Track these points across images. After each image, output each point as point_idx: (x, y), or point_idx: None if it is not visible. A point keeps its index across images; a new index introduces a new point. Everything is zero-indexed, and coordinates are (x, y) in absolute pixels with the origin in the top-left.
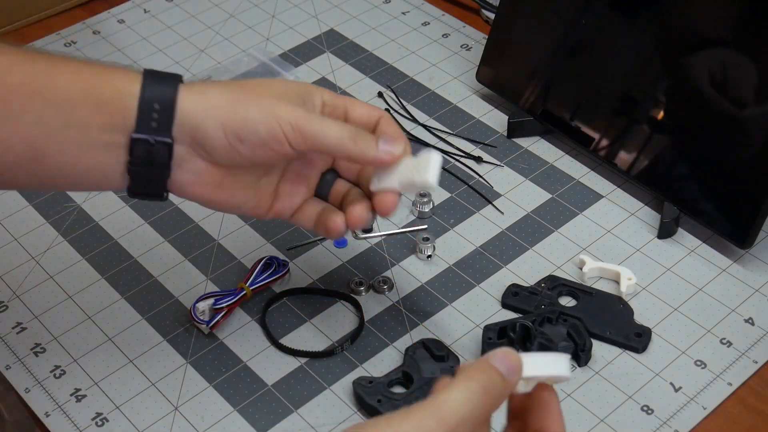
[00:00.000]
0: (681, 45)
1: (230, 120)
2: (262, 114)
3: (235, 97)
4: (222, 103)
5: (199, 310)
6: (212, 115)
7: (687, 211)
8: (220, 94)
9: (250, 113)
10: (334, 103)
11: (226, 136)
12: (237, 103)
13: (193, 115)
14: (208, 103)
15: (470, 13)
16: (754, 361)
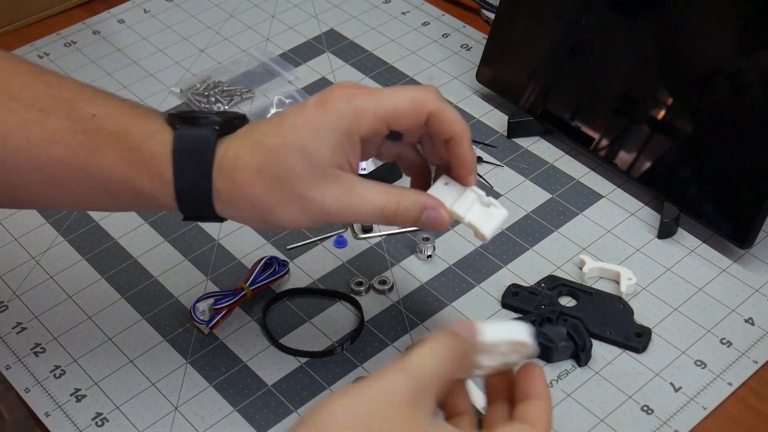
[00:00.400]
0: (681, 45)
1: (264, 226)
2: (295, 220)
3: (268, 206)
4: (255, 213)
5: (199, 310)
6: (246, 220)
7: (687, 211)
8: (254, 204)
9: (283, 222)
10: (376, 132)
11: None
12: (270, 212)
13: (228, 214)
14: (241, 212)
15: (470, 13)
16: (754, 361)
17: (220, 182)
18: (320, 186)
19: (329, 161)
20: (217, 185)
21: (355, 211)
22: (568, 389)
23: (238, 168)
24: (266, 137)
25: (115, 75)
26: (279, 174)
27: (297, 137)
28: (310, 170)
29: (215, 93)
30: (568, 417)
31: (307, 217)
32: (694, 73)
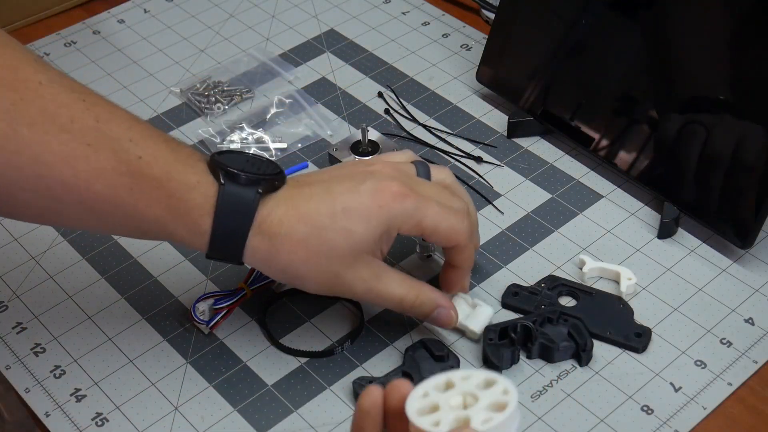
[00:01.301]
0: (681, 45)
1: (287, 281)
2: (320, 289)
3: (299, 273)
4: (286, 275)
5: (199, 310)
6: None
7: (687, 211)
8: (286, 267)
9: (308, 288)
10: (411, 234)
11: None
12: (300, 278)
13: (255, 265)
14: (272, 271)
15: (470, 13)
16: (754, 361)
17: (258, 242)
18: (354, 268)
19: (369, 249)
20: (254, 243)
21: (377, 296)
22: (568, 389)
23: (281, 234)
24: (318, 215)
25: (115, 75)
26: (321, 250)
27: (348, 222)
28: (350, 253)
29: (215, 93)
30: (568, 417)
31: (331, 291)
32: (694, 73)
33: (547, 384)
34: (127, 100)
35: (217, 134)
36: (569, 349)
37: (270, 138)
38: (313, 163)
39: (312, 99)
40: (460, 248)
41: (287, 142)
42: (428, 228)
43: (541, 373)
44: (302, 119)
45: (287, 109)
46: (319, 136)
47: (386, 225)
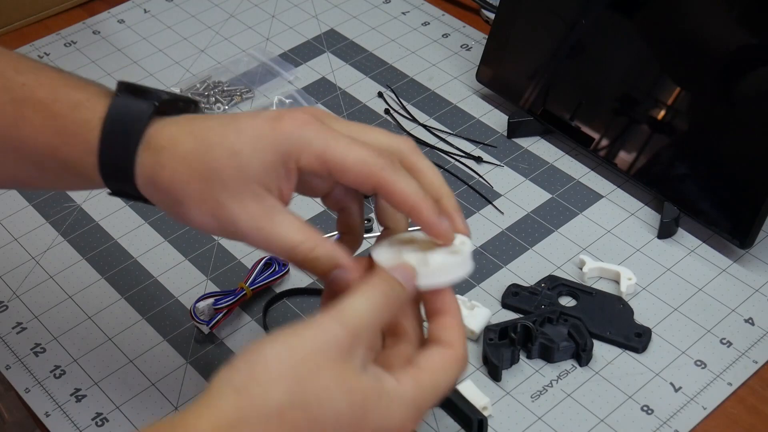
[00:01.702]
0: (681, 45)
1: (175, 216)
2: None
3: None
4: (169, 200)
5: (199, 310)
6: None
7: (687, 211)
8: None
9: (189, 218)
10: (314, 171)
11: (174, 219)
12: (180, 204)
13: (147, 194)
14: (157, 193)
15: (470, 13)
16: (754, 361)
17: (145, 158)
18: (239, 198)
19: (258, 177)
20: (141, 160)
21: (266, 237)
22: (568, 389)
23: (166, 148)
24: (208, 131)
25: (115, 75)
26: (203, 169)
27: (236, 141)
28: (235, 178)
29: (215, 93)
30: (568, 417)
31: (216, 224)
32: (694, 73)
33: (547, 384)
34: None
35: None
36: (569, 349)
37: None
38: None
39: (312, 99)
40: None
41: None
42: (335, 162)
43: (541, 373)
44: None
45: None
46: None
47: (279, 152)
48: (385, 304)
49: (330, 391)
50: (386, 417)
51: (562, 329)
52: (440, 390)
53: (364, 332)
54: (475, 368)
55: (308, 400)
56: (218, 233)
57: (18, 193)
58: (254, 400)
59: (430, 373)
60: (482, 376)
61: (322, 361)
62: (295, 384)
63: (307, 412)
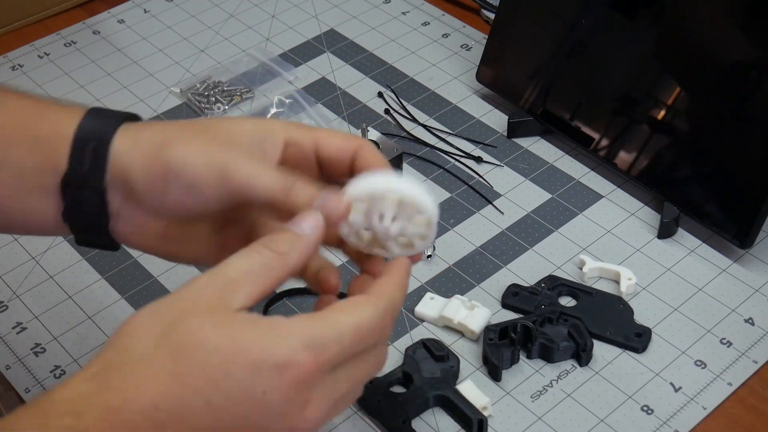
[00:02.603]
0: (681, 45)
1: (154, 163)
2: (188, 157)
3: (166, 138)
4: (151, 147)
5: None
6: (139, 158)
7: (687, 211)
8: (153, 135)
9: (174, 156)
10: (301, 142)
11: (151, 181)
12: (165, 145)
13: (124, 157)
14: (138, 145)
15: (470, 13)
16: (754, 361)
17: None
18: (231, 140)
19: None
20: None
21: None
22: (568, 389)
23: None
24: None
25: (115, 75)
26: (196, 122)
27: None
28: (229, 128)
29: (215, 93)
30: (568, 417)
31: (204, 160)
32: (694, 73)
33: (547, 384)
34: (127, 100)
35: None
36: (569, 349)
37: None
38: None
39: (312, 99)
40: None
41: None
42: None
43: (541, 373)
44: (302, 119)
45: (287, 109)
46: None
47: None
48: (270, 257)
49: (194, 327)
50: (266, 347)
51: (562, 329)
52: (342, 325)
53: (239, 281)
54: (475, 368)
55: (171, 339)
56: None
57: None
58: (119, 349)
59: (329, 310)
60: (482, 376)
61: (187, 309)
62: (159, 329)
63: (176, 352)
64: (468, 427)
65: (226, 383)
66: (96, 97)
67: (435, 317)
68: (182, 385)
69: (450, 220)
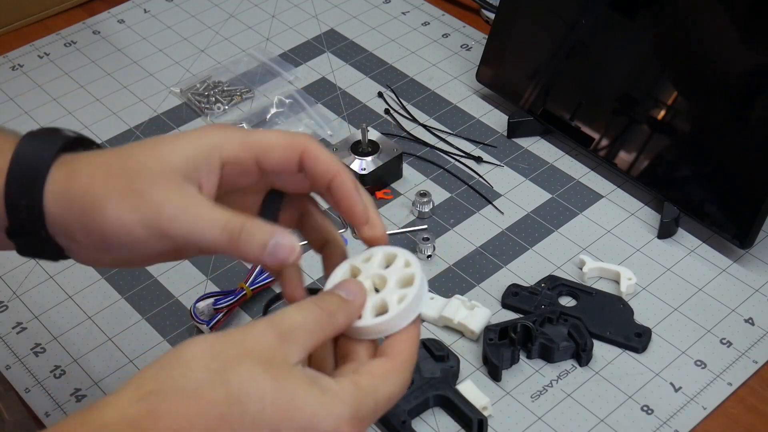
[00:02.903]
0: (681, 45)
1: (91, 229)
2: (122, 223)
3: (96, 199)
4: (83, 210)
5: (199, 310)
6: (75, 221)
7: (687, 211)
8: (84, 192)
9: (108, 224)
10: (238, 159)
11: (93, 243)
12: (96, 209)
13: (59, 217)
14: (71, 204)
15: (470, 13)
16: (754, 361)
17: (58, 172)
18: (162, 187)
19: (180, 169)
20: (54, 175)
21: (194, 218)
22: (568, 389)
23: (82, 160)
24: (127, 146)
25: (115, 75)
26: (122, 167)
27: (156, 144)
28: (157, 170)
29: (215, 93)
30: (568, 417)
31: (138, 218)
32: (694, 73)
33: (547, 384)
34: (127, 100)
35: None
36: (569, 349)
37: None
38: None
39: (312, 99)
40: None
41: None
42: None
43: (541, 373)
44: (302, 119)
45: (287, 109)
46: (319, 136)
47: (200, 147)
48: (317, 309)
49: (254, 374)
50: (318, 413)
51: (562, 329)
52: (379, 397)
53: (296, 333)
54: (475, 368)
55: (229, 380)
56: (138, 234)
57: None
58: (173, 375)
59: (369, 378)
60: (482, 376)
61: (247, 352)
62: (217, 365)
63: (231, 396)
64: (468, 427)
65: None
66: (96, 97)
67: (435, 317)
68: (231, 430)
69: (450, 220)
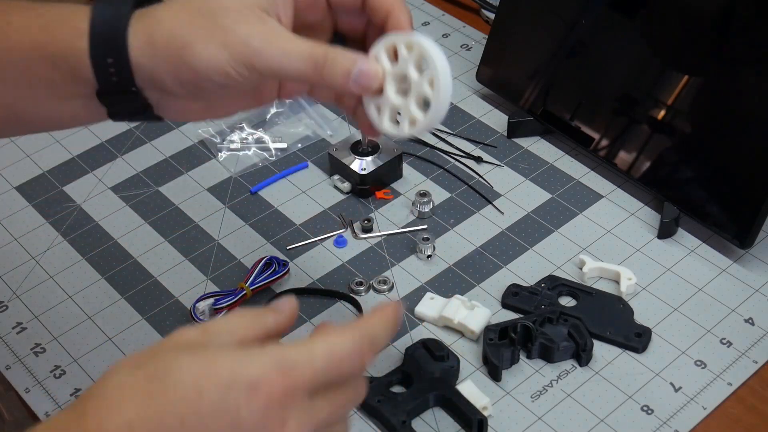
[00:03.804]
0: (681, 45)
1: (181, 70)
2: (212, 60)
3: (184, 41)
4: (171, 54)
5: (199, 310)
6: (163, 67)
7: (687, 211)
8: (169, 37)
9: (199, 62)
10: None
11: (183, 84)
12: (185, 50)
13: (147, 68)
14: (157, 52)
15: (470, 13)
16: (754, 361)
17: (139, 23)
18: (245, 21)
19: (260, 3)
20: (135, 28)
21: (280, 50)
22: (568, 389)
23: (161, 8)
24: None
25: None
26: (203, 6)
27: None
28: (238, 6)
29: None
30: (568, 417)
31: (227, 54)
32: (694, 73)
33: (547, 384)
34: None
35: (217, 134)
36: (569, 349)
37: (270, 138)
38: (313, 163)
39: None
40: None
41: (287, 142)
42: None
43: (541, 373)
44: (302, 119)
45: (287, 109)
46: (319, 136)
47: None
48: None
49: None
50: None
51: (562, 329)
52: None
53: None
54: (475, 368)
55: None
56: (229, 68)
57: (18, 193)
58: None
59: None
60: (482, 376)
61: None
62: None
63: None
64: (468, 427)
65: (199, 402)
66: None
67: (435, 317)
68: (156, 404)
69: (450, 220)
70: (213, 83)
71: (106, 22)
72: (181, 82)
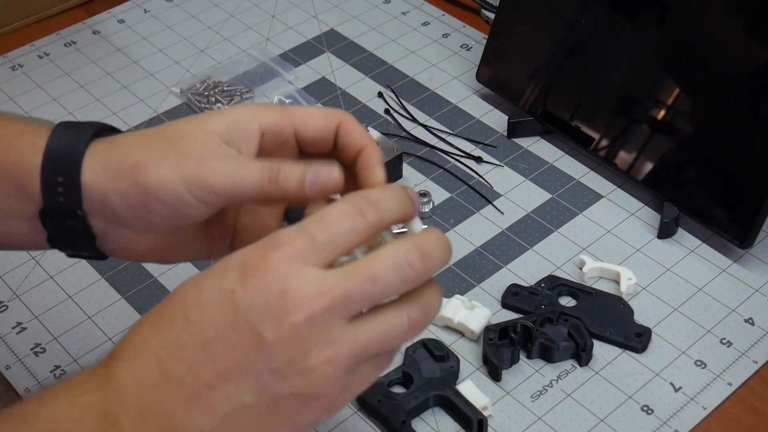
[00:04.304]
0: (681, 45)
1: (132, 191)
2: (164, 180)
3: (137, 162)
4: (123, 174)
5: None
6: (113, 188)
7: (687, 211)
8: (122, 159)
9: (150, 182)
10: (278, 127)
11: (133, 208)
12: (138, 170)
13: (97, 188)
14: (109, 173)
15: (470, 13)
16: (754, 361)
17: (97, 146)
18: (203, 145)
19: (220, 133)
20: (93, 148)
21: (235, 165)
22: (568, 389)
23: (119, 136)
24: (166, 123)
25: (115, 75)
26: (163, 132)
27: (195, 117)
28: (198, 133)
29: (215, 93)
30: (568, 417)
31: (180, 173)
32: (694, 73)
33: (547, 384)
34: (127, 100)
35: None
36: (569, 349)
37: None
38: None
39: (312, 99)
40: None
41: None
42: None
43: (541, 373)
44: None
45: None
46: None
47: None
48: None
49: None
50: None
51: (562, 329)
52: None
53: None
54: (475, 368)
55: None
56: (180, 192)
57: None
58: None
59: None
60: (482, 376)
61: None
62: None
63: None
64: (468, 427)
65: (198, 295)
66: (96, 96)
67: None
68: (163, 312)
69: (450, 220)
70: (164, 205)
71: (64, 140)
72: (131, 206)
